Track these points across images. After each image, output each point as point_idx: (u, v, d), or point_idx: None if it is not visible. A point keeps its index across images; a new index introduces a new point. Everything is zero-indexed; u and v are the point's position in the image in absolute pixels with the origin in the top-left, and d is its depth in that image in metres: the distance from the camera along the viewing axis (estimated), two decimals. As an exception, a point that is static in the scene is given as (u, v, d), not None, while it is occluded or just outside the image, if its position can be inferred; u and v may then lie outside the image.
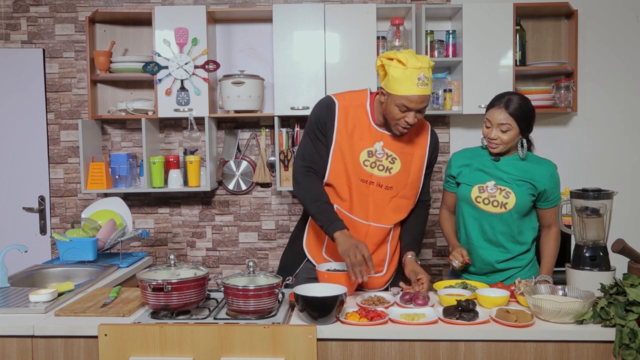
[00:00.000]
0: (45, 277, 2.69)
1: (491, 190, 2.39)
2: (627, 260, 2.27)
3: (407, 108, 2.21)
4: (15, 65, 3.86)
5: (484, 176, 2.42)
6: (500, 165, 2.41)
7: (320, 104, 2.40)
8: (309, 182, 2.35)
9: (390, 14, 3.72)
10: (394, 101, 2.21)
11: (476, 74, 3.59)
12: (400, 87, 2.18)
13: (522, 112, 2.32)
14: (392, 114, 2.24)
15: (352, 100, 2.39)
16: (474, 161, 2.46)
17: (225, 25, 3.89)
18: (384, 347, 1.92)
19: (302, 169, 2.37)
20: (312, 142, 2.38)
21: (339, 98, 2.38)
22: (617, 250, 2.23)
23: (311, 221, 2.47)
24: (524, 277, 2.40)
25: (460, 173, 2.48)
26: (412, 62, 2.17)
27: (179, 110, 3.62)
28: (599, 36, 3.87)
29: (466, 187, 2.44)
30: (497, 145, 2.36)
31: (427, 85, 2.20)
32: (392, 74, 2.19)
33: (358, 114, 2.36)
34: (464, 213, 2.48)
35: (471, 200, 2.42)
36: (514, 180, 2.38)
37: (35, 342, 1.96)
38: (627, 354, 1.85)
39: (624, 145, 3.93)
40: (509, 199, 2.37)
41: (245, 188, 3.95)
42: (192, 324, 1.91)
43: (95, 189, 3.66)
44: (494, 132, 2.34)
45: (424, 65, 2.19)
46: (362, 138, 2.34)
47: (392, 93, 2.21)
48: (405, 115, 2.23)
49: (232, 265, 4.01)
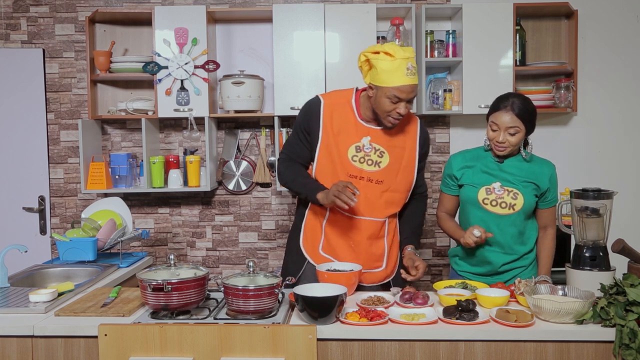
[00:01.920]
0: (45, 277, 2.69)
1: (498, 192, 2.38)
2: (627, 260, 2.27)
3: (399, 99, 2.24)
4: (15, 65, 3.86)
5: (489, 178, 2.41)
6: (504, 167, 2.40)
7: (307, 104, 2.47)
8: (288, 166, 2.46)
9: (390, 14, 3.72)
10: (385, 93, 2.24)
11: (476, 74, 3.59)
12: (390, 78, 2.22)
13: (527, 113, 2.31)
14: (383, 106, 2.27)
15: (338, 98, 2.44)
16: (477, 163, 2.44)
17: (225, 25, 3.89)
18: (384, 347, 1.92)
19: (282, 159, 2.49)
20: (297, 139, 2.45)
21: (325, 97, 2.45)
22: (617, 250, 2.23)
23: (305, 221, 2.50)
24: (527, 276, 2.40)
25: (463, 175, 2.46)
26: (399, 53, 2.22)
27: (179, 110, 3.62)
28: (599, 36, 3.87)
29: (471, 188, 2.42)
30: (504, 148, 2.34)
31: (415, 74, 2.25)
32: (381, 66, 2.22)
33: (344, 111, 2.40)
34: (469, 215, 2.45)
35: (478, 202, 2.40)
36: (519, 182, 2.37)
37: (35, 342, 1.96)
38: (627, 354, 1.85)
39: (624, 145, 3.93)
40: (517, 200, 2.36)
41: (245, 188, 3.95)
42: (192, 324, 1.91)
43: (95, 189, 3.66)
44: (502, 135, 2.31)
45: (411, 55, 2.24)
46: (349, 134, 2.38)
47: (382, 85, 2.24)
48: (397, 106, 2.27)
49: (232, 265, 4.01)
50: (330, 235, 2.45)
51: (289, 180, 2.45)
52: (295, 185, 2.43)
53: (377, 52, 2.25)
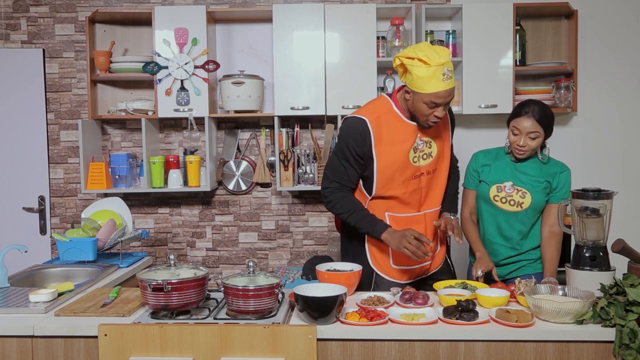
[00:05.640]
0: (45, 277, 2.69)
1: (508, 190, 2.52)
2: (627, 260, 2.27)
3: (436, 104, 2.23)
4: (15, 65, 3.86)
5: (503, 176, 2.55)
6: (520, 167, 2.54)
7: (350, 127, 2.35)
8: (341, 197, 2.38)
9: (390, 14, 3.72)
10: (421, 99, 2.22)
11: (476, 74, 3.58)
12: (427, 85, 2.19)
13: (547, 118, 2.46)
14: (421, 111, 2.26)
15: (379, 111, 2.37)
16: (495, 162, 2.59)
17: (225, 25, 3.89)
18: (384, 347, 1.92)
19: (331, 187, 2.39)
20: (347, 164, 2.36)
21: (365, 114, 2.35)
22: (617, 250, 2.23)
23: (368, 240, 2.46)
24: (532, 270, 2.55)
25: (482, 171, 2.60)
26: (434, 59, 2.17)
27: (179, 110, 3.62)
28: (599, 36, 3.87)
29: (485, 185, 2.57)
30: (524, 152, 2.48)
31: (451, 78, 2.21)
32: (417, 73, 2.19)
33: (391, 120, 2.35)
34: (482, 210, 2.61)
35: (489, 199, 2.55)
36: (531, 182, 2.51)
37: (35, 342, 1.96)
38: (627, 354, 1.85)
39: (624, 145, 3.93)
40: (525, 198, 2.50)
41: (245, 188, 3.95)
42: (192, 324, 1.91)
43: (95, 189, 3.66)
44: (522, 139, 2.45)
45: (447, 59, 2.19)
46: (404, 139, 2.35)
47: (419, 92, 2.22)
48: (434, 110, 2.25)
49: (232, 265, 4.01)
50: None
51: (344, 212, 2.36)
52: (353, 218, 2.35)
53: (412, 57, 2.20)
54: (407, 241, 2.22)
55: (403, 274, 2.45)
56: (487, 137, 3.79)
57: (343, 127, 2.39)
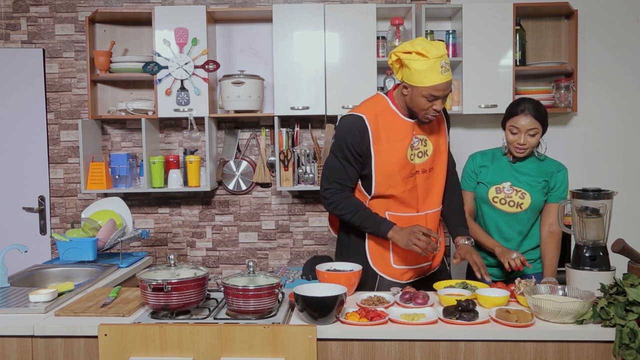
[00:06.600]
0: (45, 277, 2.69)
1: (507, 191, 2.53)
2: (627, 260, 2.27)
3: (435, 97, 2.23)
4: (15, 65, 3.86)
5: (501, 177, 2.55)
6: (517, 167, 2.55)
7: (347, 125, 2.34)
8: (343, 197, 2.36)
9: (390, 14, 3.73)
10: (420, 93, 2.22)
11: (476, 74, 3.59)
12: (425, 78, 2.19)
13: (542, 114, 2.46)
14: (420, 105, 2.26)
15: (376, 108, 2.36)
16: (492, 163, 2.59)
17: (225, 25, 3.89)
18: (384, 347, 1.92)
19: (332, 188, 2.37)
20: (346, 163, 2.34)
21: (363, 111, 2.34)
22: (617, 250, 2.23)
23: (368, 241, 2.45)
24: (532, 270, 2.55)
25: (480, 172, 2.60)
26: (432, 51, 2.18)
27: (179, 110, 3.62)
28: (599, 36, 3.87)
29: (484, 187, 2.57)
30: (524, 150, 2.48)
31: (448, 70, 2.22)
32: (415, 66, 2.19)
33: (388, 118, 2.35)
34: (482, 212, 2.62)
35: (489, 200, 2.56)
36: (530, 181, 2.51)
37: (35, 342, 1.96)
38: (627, 354, 1.85)
39: (623, 145, 3.93)
40: (524, 199, 2.51)
41: (245, 188, 3.95)
42: (192, 324, 1.91)
43: (95, 189, 3.66)
44: (522, 137, 2.46)
45: (444, 52, 2.21)
46: (402, 137, 2.34)
47: (418, 85, 2.21)
48: (433, 103, 2.25)
49: (232, 265, 4.01)
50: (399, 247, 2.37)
51: (348, 213, 2.34)
52: (358, 218, 2.33)
53: (409, 52, 2.21)
54: (416, 237, 2.21)
55: (403, 274, 2.45)
56: (487, 137, 3.79)
57: (340, 125, 2.38)
